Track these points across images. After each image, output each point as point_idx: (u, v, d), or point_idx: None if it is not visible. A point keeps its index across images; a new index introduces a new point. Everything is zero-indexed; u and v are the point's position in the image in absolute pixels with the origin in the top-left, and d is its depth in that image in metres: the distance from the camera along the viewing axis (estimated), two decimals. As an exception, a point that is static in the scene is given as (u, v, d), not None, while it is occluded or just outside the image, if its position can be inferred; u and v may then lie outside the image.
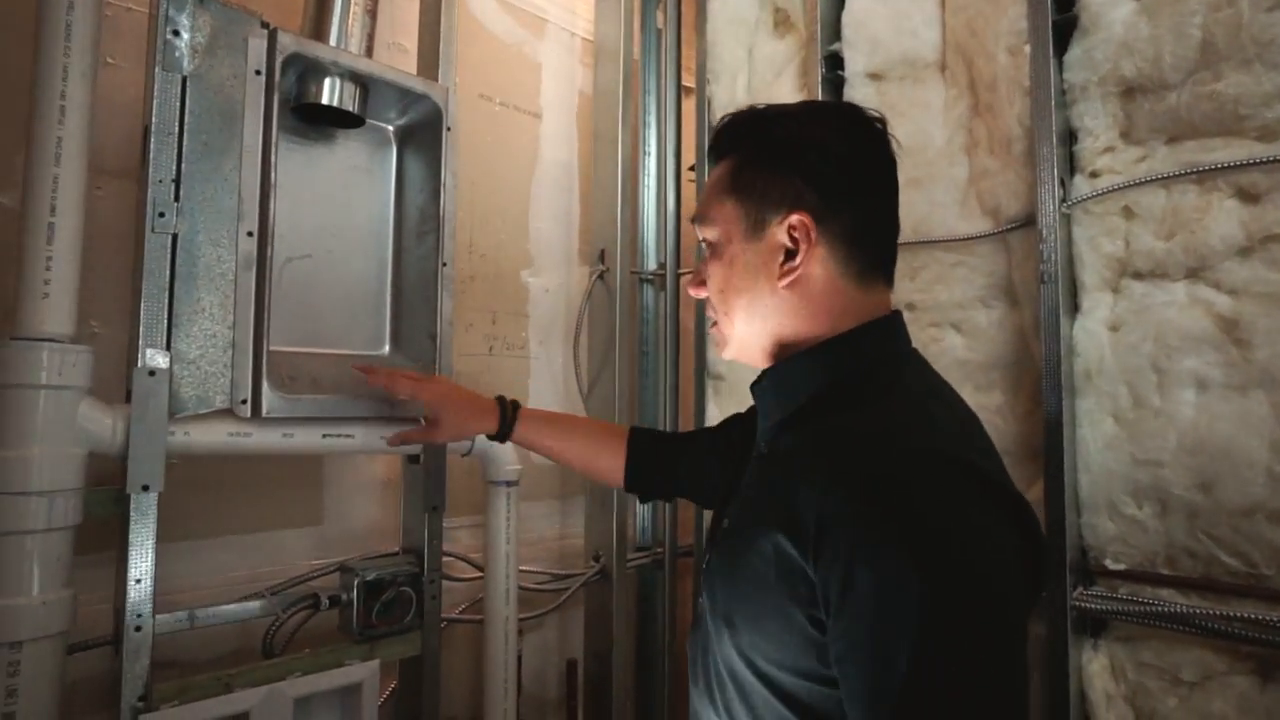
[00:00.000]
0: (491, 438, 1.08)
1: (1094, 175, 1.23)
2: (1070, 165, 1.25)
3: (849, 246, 0.67)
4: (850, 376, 0.67)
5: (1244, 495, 1.06)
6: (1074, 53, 1.23)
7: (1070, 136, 1.25)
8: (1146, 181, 1.16)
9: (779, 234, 0.67)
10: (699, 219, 0.74)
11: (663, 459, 1.05)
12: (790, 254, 0.67)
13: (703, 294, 0.75)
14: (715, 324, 0.75)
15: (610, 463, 1.05)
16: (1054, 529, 1.18)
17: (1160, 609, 1.10)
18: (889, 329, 0.70)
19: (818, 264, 0.67)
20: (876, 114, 0.70)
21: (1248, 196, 1.09)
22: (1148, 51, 1.16)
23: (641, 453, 1.05)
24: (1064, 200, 1.23)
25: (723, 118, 0.73)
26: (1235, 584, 1.07)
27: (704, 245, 0.74)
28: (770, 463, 0.70)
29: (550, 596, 1.68)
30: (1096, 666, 1.18)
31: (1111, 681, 1.17)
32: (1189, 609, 1.08)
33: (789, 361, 0.70)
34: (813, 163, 0.67)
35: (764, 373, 0.73)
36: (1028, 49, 1.25)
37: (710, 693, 0.67)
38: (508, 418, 1.07)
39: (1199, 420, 1.11)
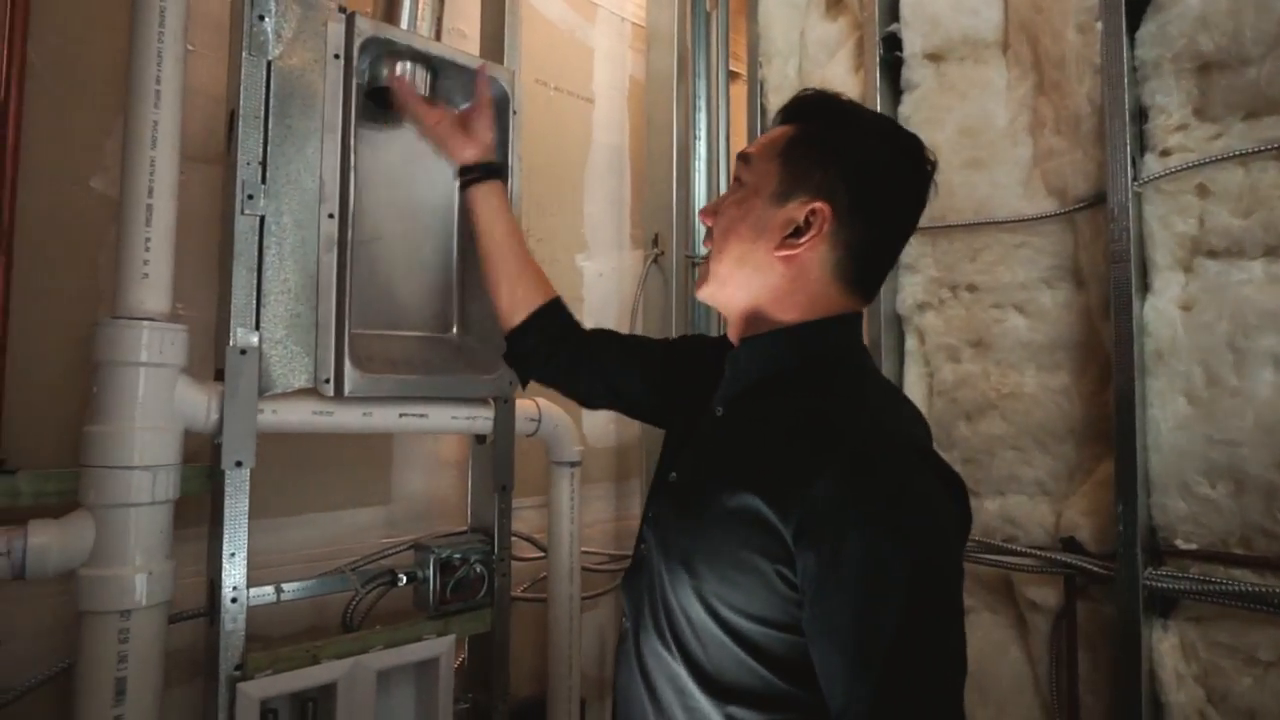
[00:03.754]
0: (461, 173, 1.09)
1: (1165, 154, 1.22)
2: (1140, 144, 1.24)
3: (849, 256, 0.73)
4: (818, 359, 0.74)
5: (1326, 474, 1.05)
6: (1147, 28, 1.21)
7: (1141, 115, 1.24)
8: (1224, 158, 1.15)
9: (797, 211, 0.72)
10: (744, 158, 0.78)
11: (569, 341, 1.02)
12: (798, 232, 0.72)
13: (708, 223, 0.80)
14: (706, 258, 0.80)
15: (516, 295, 1.03)
16: (1125, 508, 1.18)
17: (1234, 589, 1.10)
18: (853, 324, 0.77)
19: (815, 255, 0.73)
20: (932, 158, 0.75)
21: (1332, 172, 1.07)
22: (1226, 26, 1.14)
23: (551, 318, 1.03)
24: (1135, 179, 1.22)
25: (806, 89, 0.79)
26: (1315, 563, 1.06)
27: (735, 180, 0.79)
28: (732, 425, 0.75)
29: (608, 577, 1.70)
30: (1167, 646, 1.18)
31: (1182, 661, 1.17)
32: (1265, 588, 1.08)
33: (768, 337, 0.75)
34: (862, 171, 0.72)
35: (743, 343, 0.78)
36: (1099, 25, 1.24)
37: (661, 633, 0.72)
38: (483, 170, 1.07)
39: (1278, 400, 1.11)
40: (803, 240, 0.72)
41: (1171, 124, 1.21)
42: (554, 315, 1.04)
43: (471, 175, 1.07)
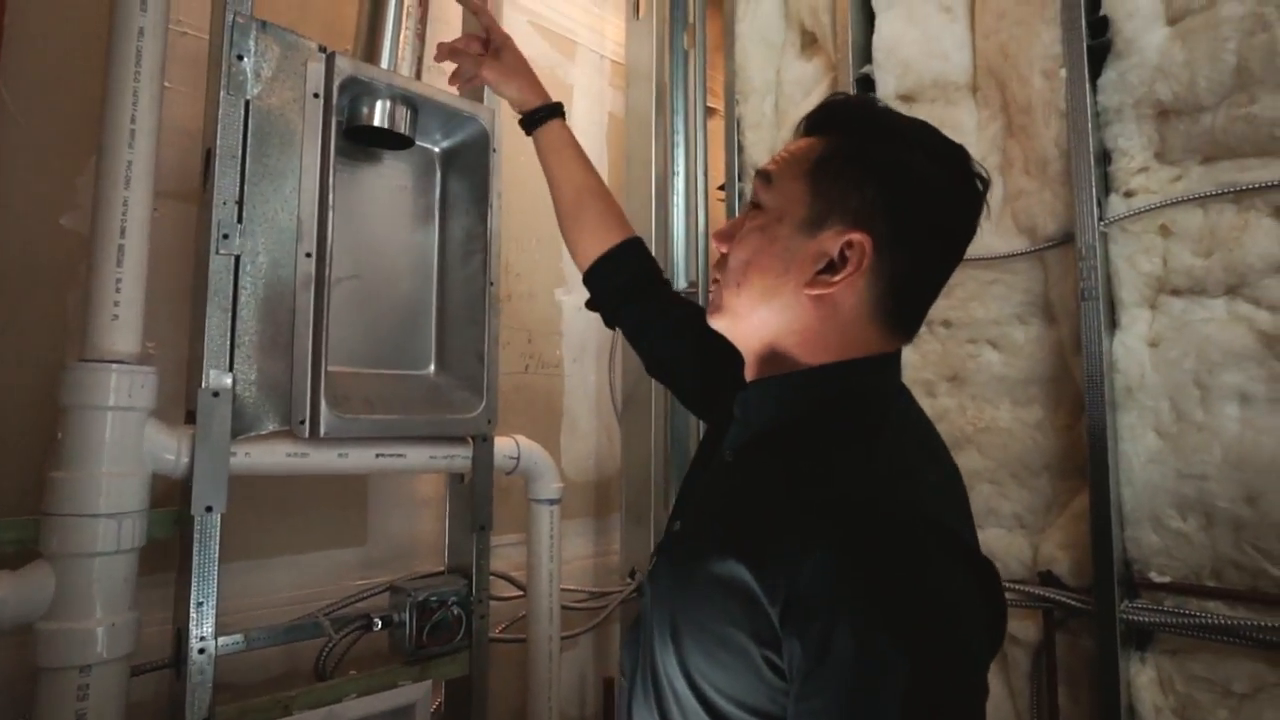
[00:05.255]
0: (523, 119, 0.99)
1: (1129, 195, 1.26)
2: (1105, 185, 1.28)
3: (889, 291, 0.63)
4: (838, 406, 0.64)
5: (1292, 508, 1.08)
6: (1108, 76, 1.26)
7: (1105, 157, 1.28)
8: (1184, 201, 1.19)
9: (831, 243, 0.62)
10: (764, 177, 0.67)
11: (628, 303, 0.94)
12: (831, 267, 0.62)
13: (723, 248, 0.69)
14: (717, 282, 0.69)
15: (592, 239, 0.95)
16: (1100, 542, 1.19)
17: (1208, 621, 1.12)
18: (886, 364, 0.66)
19: (851, 292, 0.62)
20: (984, 174, 0.65)
21: (1286, 216, 1.12)
22: (1182, 75, 1.19)
23: (611, 269, 0.93)
24: (1101, 219, 1.25)
25: (837, 93, 0.70)
26: (1285, 596, 1.08)
27: (751, 203, 0.68)
28: (736, 477, 0.66)
29: (587, 615, 1.68)
30: (1144, 679, 1.19)
31: (1160, 694, 1.18)
32: (1237, 621, 1.10)
33: (782, 380, 0.66)
34: (905, 194, 0.62)
35: (753, 385, 0.69)
36: (1063, 73, 1.29)
37: (649, 702, 0.65)
38: (546, 111, 0.98)
39: (1243, 434, 1.13)
40: (838, 277, 0.61)
41: (1134, 166, 1.26)
42: (615, 268, 0.93)
43: (527, 119, 0.99)
